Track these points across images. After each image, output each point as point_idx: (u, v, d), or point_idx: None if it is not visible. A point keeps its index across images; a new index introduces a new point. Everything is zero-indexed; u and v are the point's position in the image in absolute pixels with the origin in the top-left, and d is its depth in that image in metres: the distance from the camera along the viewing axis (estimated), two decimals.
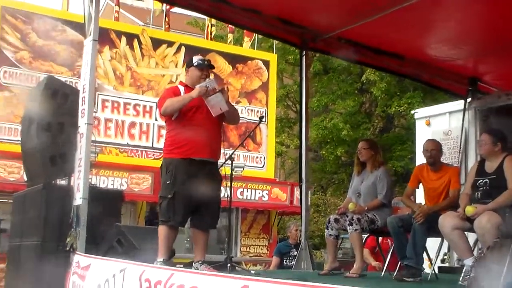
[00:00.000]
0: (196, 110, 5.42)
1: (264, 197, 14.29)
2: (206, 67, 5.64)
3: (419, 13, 6.48)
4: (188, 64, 5.76)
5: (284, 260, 8.98)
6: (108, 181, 12.38)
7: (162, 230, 5.40)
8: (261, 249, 14.67)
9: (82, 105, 6.15)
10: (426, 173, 6.13)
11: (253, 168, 14.62)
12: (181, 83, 5.84)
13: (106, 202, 6.28)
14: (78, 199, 5.88)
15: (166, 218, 5.37)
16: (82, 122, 6.07)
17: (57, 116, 6.47)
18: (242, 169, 13.05)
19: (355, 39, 7.49)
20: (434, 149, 6.10)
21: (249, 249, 14.55)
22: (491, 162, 5.47)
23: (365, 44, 7.63)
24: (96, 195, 6.05)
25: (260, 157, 15.04)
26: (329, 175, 25.07)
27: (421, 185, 6.28)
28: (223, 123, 5.72)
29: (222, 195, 5.65)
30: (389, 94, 21.24)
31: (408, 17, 6.61)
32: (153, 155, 13.74)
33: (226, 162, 5.76)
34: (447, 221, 5.36)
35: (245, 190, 13.98)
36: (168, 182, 5.38)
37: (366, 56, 7.88)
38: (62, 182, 6.77)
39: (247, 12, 7.00)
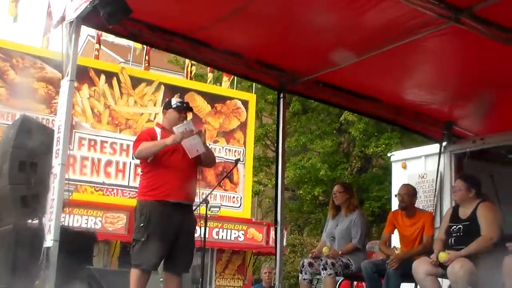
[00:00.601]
0: (172, 152, 5.40)
1: (240, 237, 14.22)
2: (184, 109, 5.65)
3: (396, 58, 6.56)
4: (166, 105, 5.74)
5: None
6: (82, 220, 12.26)
7: (134, 273, 5.32)
8: None
9: (56, 145, 6.06)
10: (401, 219, 6.17)
11: (229, 208, 14.57)
12: (158, 124, 5.84)
13: (78, 244, 6.17)
14: (49, 241, 5.74)
15: (139, 261, 5.31)
16: (56, 162, 5.97)
17: (31, 156, 6.39)
18: (218, 209, 12.98)
19: (333, 82, 7.56)
20: (406, 193, 6.16)
21: None
22: (465, 209, 5.51)
23: (343, 88, 7.69)
24: (67, 236, 5.93)
25: (237, 197, 15.00)
26: (306, 215, 25.02)
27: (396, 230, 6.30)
28: (200, 166, 5.71)
29: (197, 235, 5.61)
30: (367, 135, 21.41)
31: (386, 62, 6.68)
32: (129, 193, 13.63)
33: (202, 203, 5.73)
34: (420, 267, 5.37)
35: (220, 230, 13.92)
36: (141, 225, 5.32)
37: (344, 99, 7.93)
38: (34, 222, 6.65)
39: (227, 54, 7.04)
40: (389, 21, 5.77)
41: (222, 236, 13.95)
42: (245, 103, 15.55)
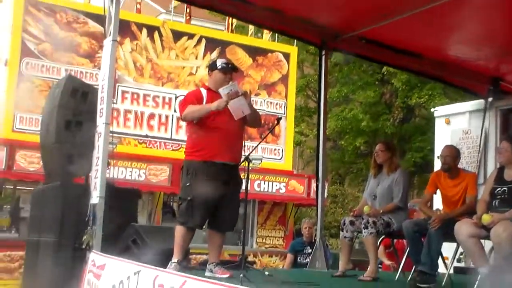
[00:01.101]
0: (217, 113, 5.41)
1: (281, 189, 14.28)
2: (230, 70, 5.63)
3: (440, 15, 6.42)
4: (212, 67, 5.73)
5: (298, 258, 9.06)
6: (127, 172, 12.46)
7: (179, 230, 5.44)
8: (277, 240, 14.69)
9: (100, 104, 6.18)
10: (444, 179, 6.09)
11: (271, 160, 14.60)
12: (204, 86, 5.84)
13: (122, 201, 6.32)
14: (95, 197, 5.93)
15: (185, 219, 5.41)
16: (100, 121, 6.10)
17: (76, 114, 6.52)
18: (260, 161, 13.03)
19: (375, 38, 7.44)
20: (449, 155, 6.04)
21: (265, 240, 14.58)
22: (511, 170, 5.42)
23: (386, 44, 7.57)
24: (112, 193, 6.08)
25: (279, 149, 15.01)
26: (347, 165, 24.98)
27: (438, 190, 6.25)
28: (245, 126, 5.74)
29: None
30: (409, 86, 21.04)
31: (429, 19, 6.55)
32: (172, 146, 13.79)
33: (244, 160, 5.76)
34: (463, 228, 5.33)
35: (262, 182, 13.99)
36: (187, 184, 5.40)
37: (387, 55, 7.84)
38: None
39: (267, 11, 6.98)
40: None
41: (264, 188, 14.04)
42: (286, 55, 15.37)
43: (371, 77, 22.52)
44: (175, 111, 13.64)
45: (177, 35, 14.19)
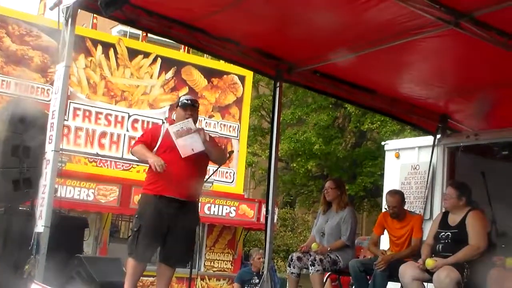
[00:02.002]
0: (171, 149, 5.48)
1: (232, 213, 14.27)
2: (189, 106, 5.70)
3: (394, 55, 6.53)
4: (176, 103, 5.99)
5: (246, 287, 9.05)
6: (75, 191, 12.24)
7: (129, 262, 5.53)
8: (225, 264, 14.65)
9: (50, 131, 6.04)
10: (391, 221, 6.22)
11: (222, 183, 14.59)
12: (169, 120, 5.99)
13: (69, 230, 6.20)
14: (40, 226, 5.77)
15: (130, 250, 5.51)
16: (49, 148, 5.96)
17: (24, 140, 6.37)
18: (211, 184, 13.00)
19: (330, 73, 7.52)
20: (396, 205, 6.22)
21: (213, 263, 14.51)
22: (455, 215, 5.55)
23: (340, 79, 7.66)
24: (59, 222, 5.95)
25: (230, 172, 15.01)
26: (298, 187, 25.15)
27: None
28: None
29: None
30: (362, 111, 21.34)
31: (383, 58, 6.66)
32: (122, 166, 13.63)
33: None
34: (407, 271, 5.44)
35: (212, 205, 13.95)
36: (136, 216, 5.58)
37: (341, 90, 7.89)
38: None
39: (224, 42, 6.98)
40: (388, 20, 5.73)
41: (214, 211, 14.00)
42: (241, 78, 15.43)
43: (325, 101, 22.77)
44: (127, 130, 13.52)
45: (133, 53, 14.09)
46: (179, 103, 5.76)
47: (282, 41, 6.88)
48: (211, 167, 6.28)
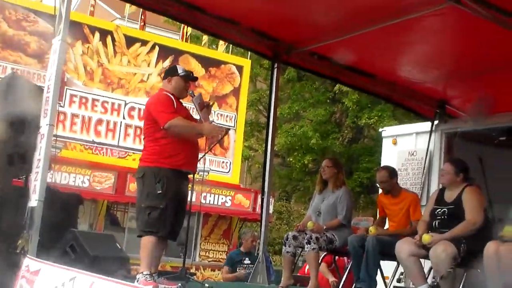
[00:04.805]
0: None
1: (227, 202, 14.26)
2: (192, 79, 5.59)
3: (392, 35, 6.50)
4: (171, 72, 5.52)
5: (238, 269, 8.85)
6: (70, 178, 12.22)
7: (150, 241, 5.13)
8: (220, 254, 14.62)
9: (45, 105, 6.01)
10: (385, 198, 6.23)
11: (218, 173, 14.55)
12: (167, 91, 5.44)
13: (63, 205, 6.14)
14: (34, 201, 5.73)
15: (156, 229, 5.13)
16: (44, 122, 5.92)
17: (19, 114, 6.32)
18: (207, 173, 12.96)
19: (328, 55, 7.48)
20: (383, 181, 6.25)
21: (208, 253, 14.49)
22: (451, 192, 5.52)
23: (338, 61, 7.62)
24: (53, 197, 5.90)
25: (226, 162, 14.99)
26: (295, 182, 25.12)
27: None
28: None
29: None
30: (360, 106, 21.34)
31: (382, 39, 6.62)
32: (118, 153, 13.59)
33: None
34: (404, 247, 5.41)
35: (208, 194, 13.91)
36: (159, 192, 5.13)
37: (339, 72, 7.87)
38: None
39: (222, 21, 6.94)
40: None
41: (210, 200, 13.98)
42: (239, 68, 15.42)
43: (322, 95, 22.74)
44: (124, 117, 13.46)
45: (130, 41, 14.06)
46: (179, 74, 5.45)
47: (279, 21, 6.82)
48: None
